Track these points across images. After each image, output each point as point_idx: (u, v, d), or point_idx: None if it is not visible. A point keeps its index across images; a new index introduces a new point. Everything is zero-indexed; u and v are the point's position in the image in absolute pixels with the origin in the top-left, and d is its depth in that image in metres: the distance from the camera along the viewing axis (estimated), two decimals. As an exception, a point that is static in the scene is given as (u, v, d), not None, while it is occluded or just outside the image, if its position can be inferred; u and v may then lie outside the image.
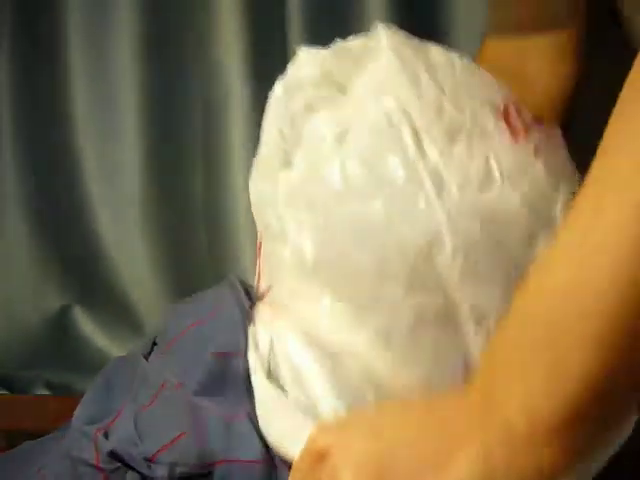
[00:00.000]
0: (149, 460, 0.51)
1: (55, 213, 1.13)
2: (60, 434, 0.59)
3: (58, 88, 1.11)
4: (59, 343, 1.11)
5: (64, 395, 1.03)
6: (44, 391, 1.06)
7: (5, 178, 1.12)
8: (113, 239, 1.13)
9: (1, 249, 1.13)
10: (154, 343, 0.61)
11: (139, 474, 0.51)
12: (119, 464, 0.52)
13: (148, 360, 0.59)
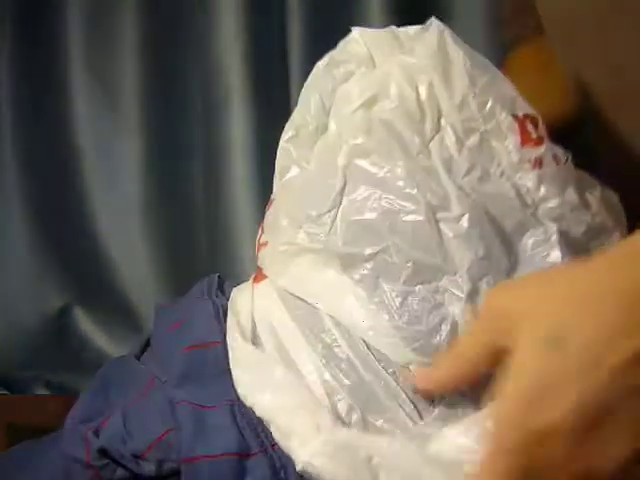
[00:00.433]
0: (138, 457, 0.51)
1: (55, 213, 1.13)
2: (58, 435, 0.59)
3: (58, 88, 1.12)
4: (59, 343, 1.12)
5: (64, 395, 1.03)
6: (44, 391, 1.06)
7: (5, 178, 1.12)
8: (113, 239, 1.13)
9: (1, 249, 1.14)
10: (148, 343, 0.61)
11: (129, 471, 0.52)
12: (108, 460, 0.52)
13: (140, 360, 0.59)
